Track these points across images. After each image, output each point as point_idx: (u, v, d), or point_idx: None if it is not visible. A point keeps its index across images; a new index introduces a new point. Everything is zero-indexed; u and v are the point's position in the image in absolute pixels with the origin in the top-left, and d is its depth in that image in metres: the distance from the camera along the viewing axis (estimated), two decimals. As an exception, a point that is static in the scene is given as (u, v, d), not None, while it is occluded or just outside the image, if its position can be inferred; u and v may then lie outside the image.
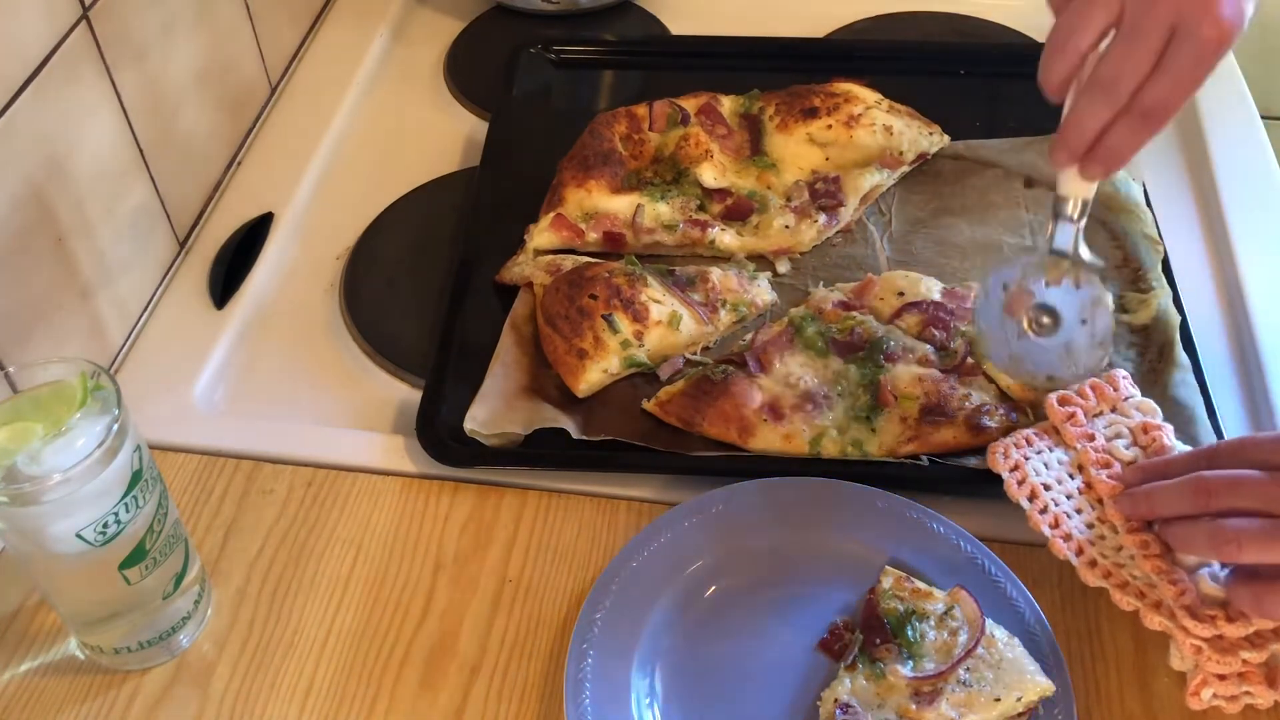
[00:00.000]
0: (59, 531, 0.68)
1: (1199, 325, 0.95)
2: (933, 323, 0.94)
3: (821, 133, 1.08)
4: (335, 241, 1.09)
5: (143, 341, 1.00)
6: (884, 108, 1.10)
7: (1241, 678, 0.72)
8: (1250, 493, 0.70)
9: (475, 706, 0.77)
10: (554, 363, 0.93)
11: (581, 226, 1.03)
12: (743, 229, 1.04)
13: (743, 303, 0.97)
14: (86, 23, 0.91)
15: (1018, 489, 0.81)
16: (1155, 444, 0.80)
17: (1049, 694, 0.73)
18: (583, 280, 0.95)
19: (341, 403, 0.96)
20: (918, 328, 0.94)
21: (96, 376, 0.70)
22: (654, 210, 1.04)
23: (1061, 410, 0.83)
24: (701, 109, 1.11)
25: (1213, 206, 1.08)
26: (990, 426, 0.87)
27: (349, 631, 0.80)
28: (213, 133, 1.13)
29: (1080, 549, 0.77)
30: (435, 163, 1.17)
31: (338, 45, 1.32)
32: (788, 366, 0.91)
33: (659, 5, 1.36)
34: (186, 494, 0.88)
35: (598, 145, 1.08)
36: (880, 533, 0.82)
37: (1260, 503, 0.70)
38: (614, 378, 0.93)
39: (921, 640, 0.75)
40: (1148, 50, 0.69)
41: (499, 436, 0.88)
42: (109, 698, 0.77)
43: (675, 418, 0.89)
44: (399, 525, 0.86)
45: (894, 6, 1.34)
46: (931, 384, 0.89)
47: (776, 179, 1.08)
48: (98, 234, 0.94)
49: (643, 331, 0.93)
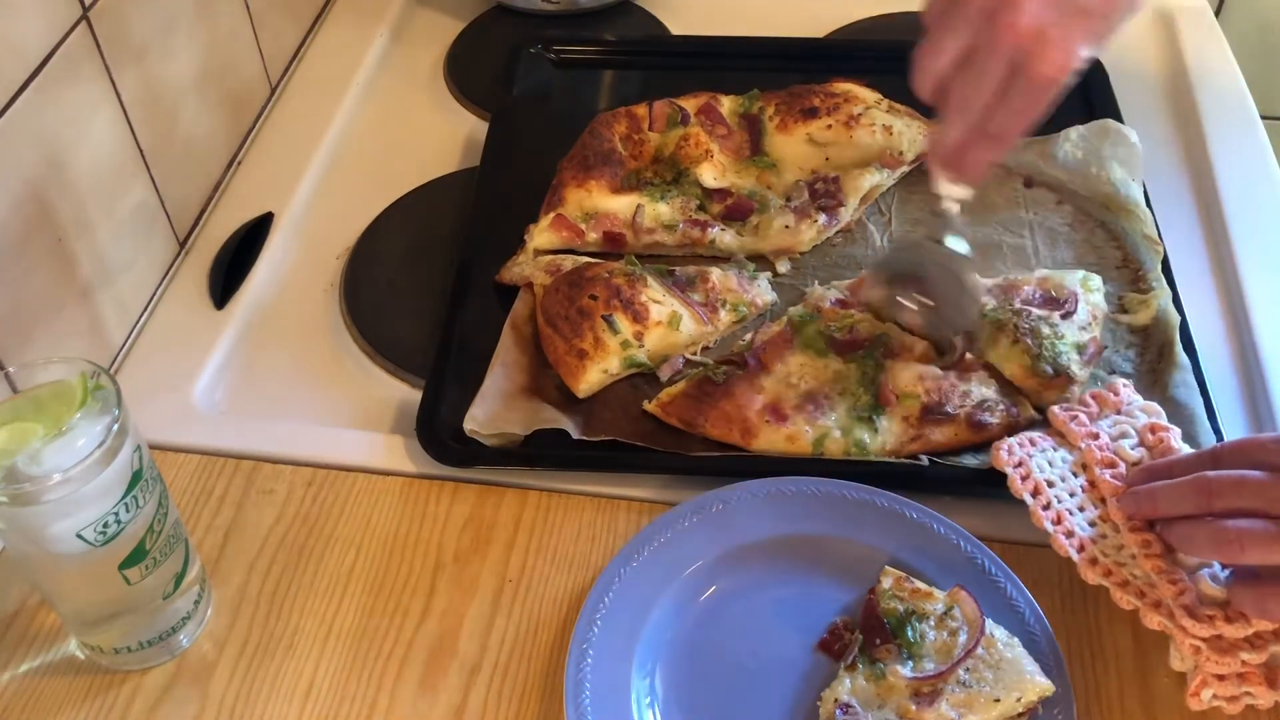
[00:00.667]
0: (59, 531, 0.68)
1: (1199, 326, 0.95)
2: None
3: (821, 133, 1.08)
4: (335, 241, 1.09)
5: (143, 341, 1.00)
6: (884, 108, 1.10)
7: (1241, 678, 0.72)
8: (1253, 493, 0.70)
9: (475, 706, 0.77)
10: (554, 363, 0.93)
11: (581, 226, 1.04)
12: (742, 229, 1.04)
13: (743, 303, 0.97)
14: (86, 23, 0.91)
15: (1021, 485, 0.81)
16: (1163, 445, 0.80)
17: (1048, 694, 0.73)
18: (583, 280, 0.95)
19: (341, 403, 0.96)
20: None
21: (96, 376, 0.70)
22: (654, 210, 1.04)
23: (1064, 415, 0.84)
24: (701, 109, 1.11)
25: (1213, 206, 1.08)
26: (991, 423, 0.87)
27: (349, 631, 0.80)
28: (213, 133, 1.13)
29: (1081, 546, 0.77)
30: (435, 163, 1.17)
31: (338, 45, 1.32)
32: (788, 366, 0.91)
33: (659, 5, 1.36)
34: (186, 494, 0.88)
35: (598, 145, 1.08)
36: (880, 533, 0.82)
37: (1263, 503, 0.70)
38: (614, 378, 0.93)
39: (921, 640, 0.75)
40: (991, 80, 0.76)
41: (498, 437, 0.88)
42: (109, 698, 0.77)
43: (677, 419, 0.89)
44: (399, 525, 0.86)
45: (894, 6, 1.34)
46: (932, 381, 0.89)
47: (776, 179, 1.08)
48: (98, 234, 0.94)
49: (643, 332, 0.93)
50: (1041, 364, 0.89)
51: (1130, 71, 1.21)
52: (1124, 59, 1.21)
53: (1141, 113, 1.16)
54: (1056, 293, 0.94)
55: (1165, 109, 1.20)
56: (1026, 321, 0.91)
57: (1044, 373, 0.89)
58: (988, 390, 0.89)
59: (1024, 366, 0.89)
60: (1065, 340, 0.90)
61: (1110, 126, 1.08)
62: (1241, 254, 1.03)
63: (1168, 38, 1.28)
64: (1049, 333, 0.90)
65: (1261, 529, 0.69)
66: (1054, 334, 0.91)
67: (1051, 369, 0.89)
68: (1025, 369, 0.89)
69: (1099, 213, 1.04)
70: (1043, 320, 0.91)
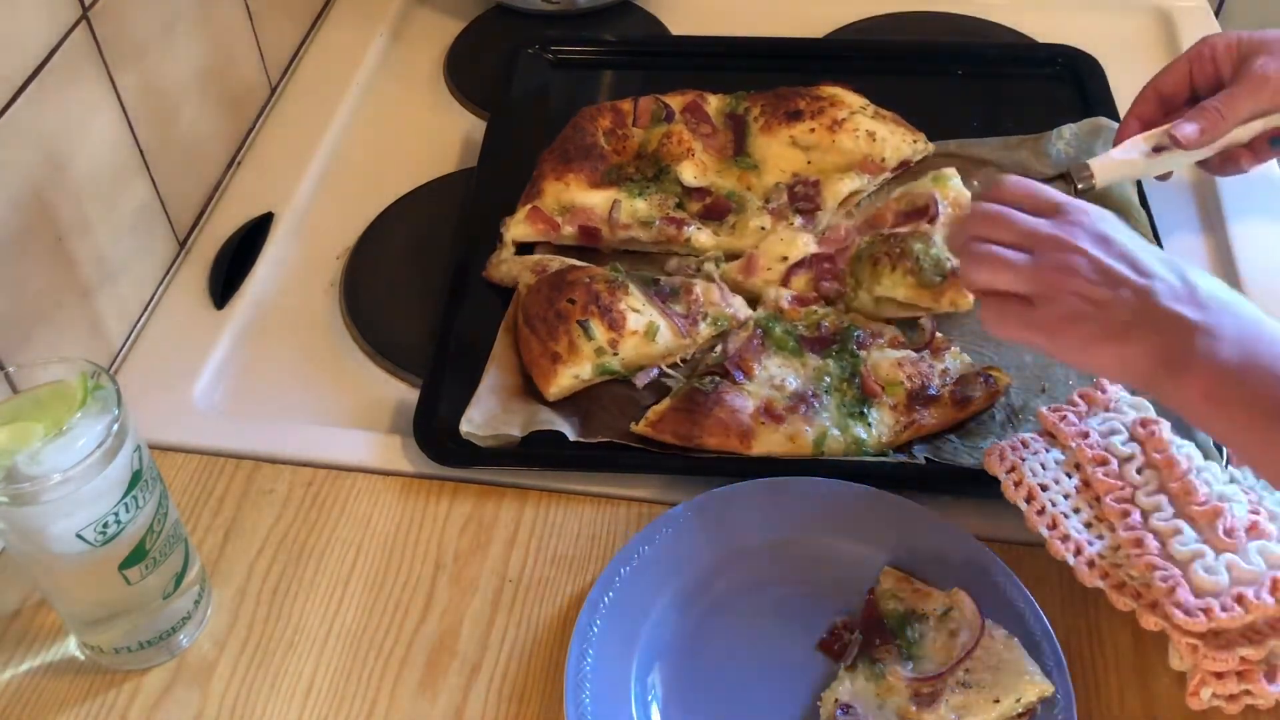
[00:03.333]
0: (59, 531, 0.68)
1: (1198, 325, 0.95)
2: (821, 275, 0.98)
3: (804, 136, 1.08)
4: (335, 241, 1.09)
5: (143, 341, 1.00)
6: (868, 113, 1.10)
7: (1240, 676, 0.72)
8: (1009, 227, 0.75)
9: (475, 706, 0.77)
10: (528, 363, 0.93)
11: (558, 220, 1.03)
12: (719, 228, 1.04)
13: (723, 316, 0.96)
14: (86, 23, 0.91)
15: (1015, 490, 0.81)
16: (1154, 438, 0.80)
17: (1048, 695, 0.73)
18: (564, 284, 0.95)
19: (342, 403, 0.96)
20: (809, 285, 0.98)
21: (96, 376, 0.70)
22: (631, 206, 1.04)
23: (1053, 415, 0.84)
24: (687, 107, 1.11)
25: (1213, 206, 1.08)
26: (974, 397, 0.89)
27: (349, 631, 0.80)
28: (213, 133, 1.13)
29: (1078, 549, 0.77)
30: (435, 163, 1.17)
31: (338, 45, 1.32)
32: (768, 369, 0.91)
33: (659, 5, 1.36)
34: (186, 494, 0.88)
35: (580, 139, 1.08)
36: (880, 532, 0.82)
37: (1015, 237, 0.74)
38: (585, 384, 0.93)
39: (921, 641, 0.75)
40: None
41: (495, 438, 0.88)
42: (109, 698, 0.77)
43: (670, 434, 0.88)
44: (399, 525, 0.86)
45: (894, 6, 1.34)
46: (911, 365, 0.90)
47: (757, 180, 1.08)
48: (98, 234, 0.94)
49: (618, 340, 0.92)
50: (925, 276, 0.93)
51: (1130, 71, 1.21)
52: (1124, 59, 1.22)
53: (1141, 113, 1.16)
54: (915, 204, 0.98)
55: (1165, 109, 1.20)
56: (897, 244, 0.95)
57: (933, 282, 0.93)
58: (963, 364, 0.91)
59: (913, 286, 0.94)
60: (938, 244, 0.95)
61: (1102, 124, 1.08)
62: (1241, 254, 1.03)
63: (1168, 38, 1.29)
64: (920, 246, 0.94)
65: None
66: (926, 244, 0.95)
67: (939, 276, 0.93)
68: (915, 287, 0.94)
69: (1096, 212, 1.04)
70: (911, 237, 0.95)
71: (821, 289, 0.98)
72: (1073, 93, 1.18)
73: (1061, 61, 1.21)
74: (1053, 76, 1.20)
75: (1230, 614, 0.71)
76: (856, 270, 0.97)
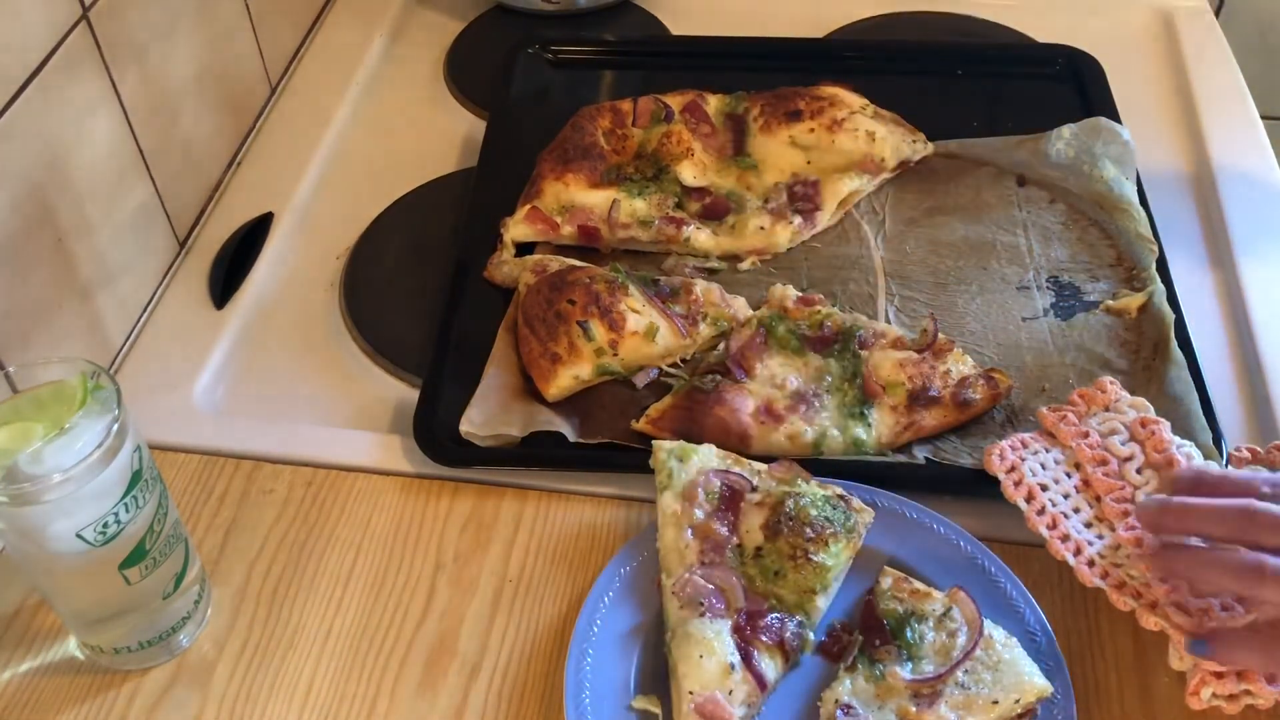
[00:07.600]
0: (59, 531, 0.68)
1: (1198, 324, 0.95)
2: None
3: (804, 136, 1.08)
4: (335, 241, 1.09)
5: (143, 341, 1.00)
6: (868, 113, 1.10)
7: (1240, 676, 0.72)
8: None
9: (475, 706, 0.77)
10: (527, 364, 0.93)
11: (557, 220, 1.03)
12: (718, 228, 1.04)
13: (723, 317, 0.96)
14: (86, 23, 0.91)
15: (1015, 490, 0.81)
16: (1154, 439, 0.80)
17: (1046, 695, 0.73)
18: (564, 284, 0.95)
19: (342, 402, 0.96)
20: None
21: (97, 376, 0.70)
22: (630, 206, 1.04)
23: (1053, 415, 0.84)
24: (686, 106, 1.11)
25: (1213, 206, 1.08)
26: (975, 399, 0.89)
27: (349, 631, 0.80)
28: (213, 133, 1.13)
29: (1078, 549, 0.77)
30: (435, 163, 1.17)
31: (338, 45, 1.32)
32: (769, 368, 0.91)
33: (659, 5, 1.36)
34: (186, 494, 0.88)
35: (579, 139, 1.08)
36: (880, 533, 0.81)
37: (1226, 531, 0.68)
38: (585, 384, 0.93)
39: (920, 641, 0.75)
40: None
41: (495, 438, 0.88)
42: (109, 698, 0.77)
43: (670, 433, 0.88)
44: (399, 525, 0.86)
45: (894, 6, 1.34)
46: (912, 366, 0.90)
47: (757, 180, 1.08)
48: (98, 234, 0.94)
49: (618, 340, 0.92)
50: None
51: (1130, 71, 1.22)
52: (1124, 59, 1.22)
53: (1141, 112, 1.16)
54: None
55: (1165, 109, 1.20)
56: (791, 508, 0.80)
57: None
58: (965, 366, 0.91)
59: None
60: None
61: (1102, 124, 1.08)
62: (1241, 254, 1.03)
63: (1168, 37, 1.29)
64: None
65: None
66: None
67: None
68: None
69: (1092, 211, 1.04)
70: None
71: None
72: (1073, 93, 1.18)
73: (1061, 61, 1.21)
74: (1053, 76, 1.20)
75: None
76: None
